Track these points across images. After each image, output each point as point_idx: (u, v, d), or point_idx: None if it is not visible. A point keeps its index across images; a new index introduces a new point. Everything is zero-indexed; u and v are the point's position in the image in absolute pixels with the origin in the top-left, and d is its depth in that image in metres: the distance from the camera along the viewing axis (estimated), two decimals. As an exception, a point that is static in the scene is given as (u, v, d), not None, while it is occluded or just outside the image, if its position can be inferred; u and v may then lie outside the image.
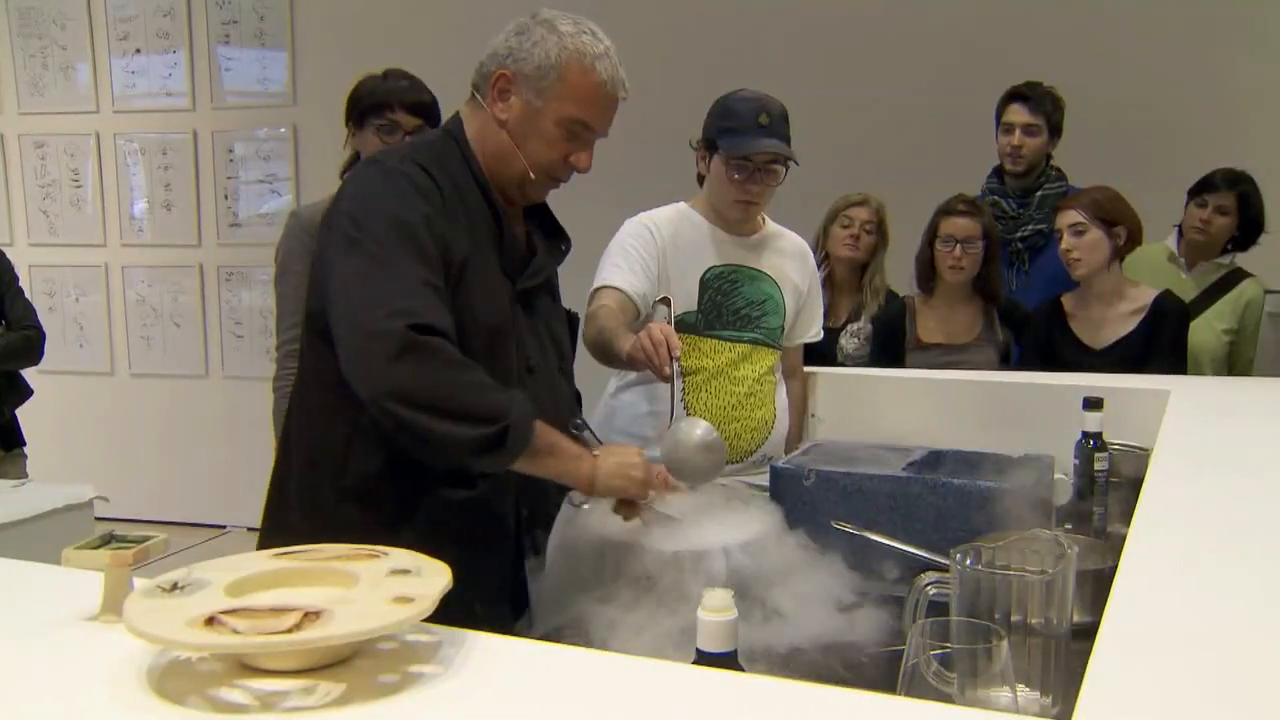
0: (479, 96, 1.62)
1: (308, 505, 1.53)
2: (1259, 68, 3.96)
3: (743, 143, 2.22)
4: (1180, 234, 3.22)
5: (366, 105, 2.46)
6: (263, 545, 1.37)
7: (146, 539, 1.11)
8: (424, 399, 1.37)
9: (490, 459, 1.41)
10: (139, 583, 1.06)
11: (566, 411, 1.71)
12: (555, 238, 1.77)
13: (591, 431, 1.73)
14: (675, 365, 1.79)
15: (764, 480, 2.14)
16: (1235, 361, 3.12)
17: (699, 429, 1.80)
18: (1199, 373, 3.02)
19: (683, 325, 2.30)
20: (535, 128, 1.57)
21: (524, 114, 1.57)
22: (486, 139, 1.60)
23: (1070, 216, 2.77)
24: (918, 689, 0.98)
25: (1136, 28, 4.02)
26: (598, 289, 2.22)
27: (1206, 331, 3.07)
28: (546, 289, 1.71)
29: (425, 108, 2.48)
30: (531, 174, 1.59)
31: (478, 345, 1.50)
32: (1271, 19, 3.98)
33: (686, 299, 2.30)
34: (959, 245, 2.94)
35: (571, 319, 1.81)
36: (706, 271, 2.32)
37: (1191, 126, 3.92)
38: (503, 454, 1.41)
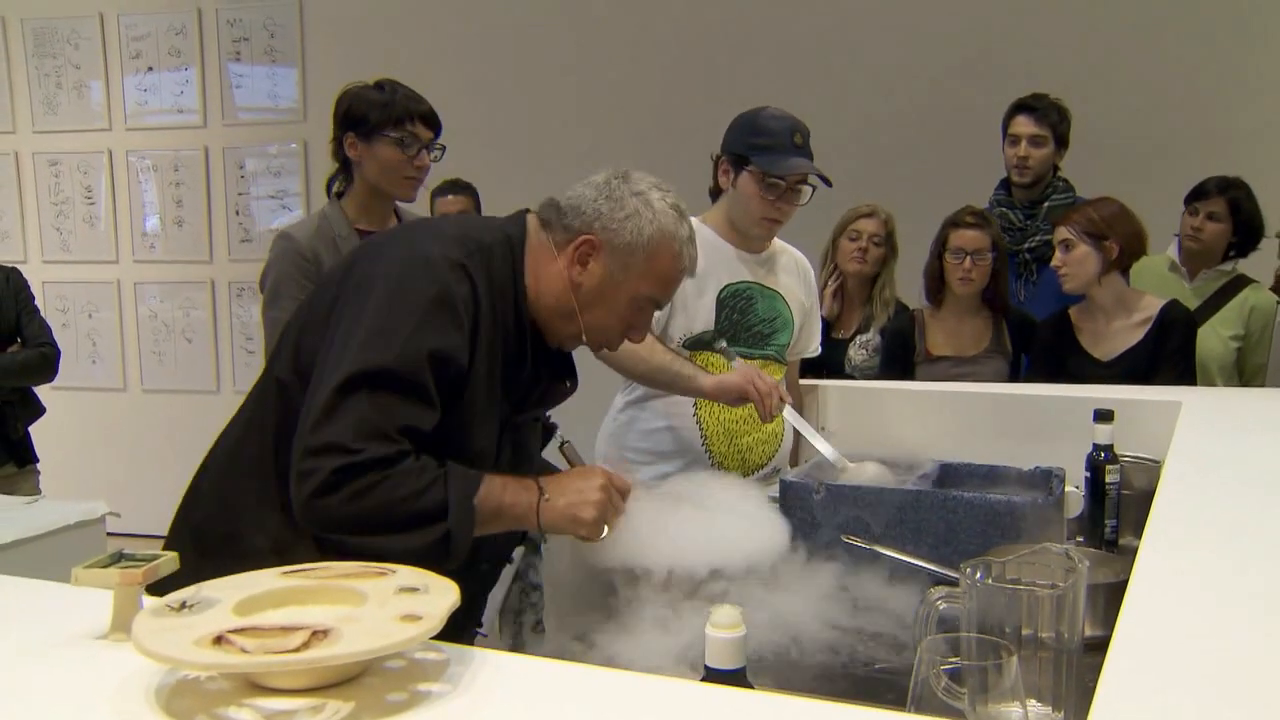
0: (548, 237, 1.53)
1: (215, 555, 1.45)
2: (1265, 78, 3.95)
3: (780, 161, 2.21)
4: (1180, 244, 3.21)
5: (380, 117, 2.37)
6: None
7: (156, 557, 1.11)
8: (353, 527, 1.34)
9: (440, 563, 1.33)
10: (148, 601, 1.07)
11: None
12: (563, 377, 1.67)
13: (573, 446, 1.71)
14: (789, 409, 2.08)
15: (774, 493, 2.14)
16: (1244, 367, 3.11)
17: (869, 469, 2.00)
18: (1208, 381, 3.01)
19: (700, 343, 2.29)
20: (608, 299, 1.53)
21: (601, 283, 1.51)
22: (549, 285, 1.52)
23: (1060, 233, 2.79)
24: (928, 705, 0.97)
25: (1143, 39, 4.02)
26: None
27: (1213, 339, 3.05)
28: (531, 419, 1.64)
29: (437, 119, 2.44)
30: (584, 337, 1.56)
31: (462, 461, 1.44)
32: (1277, 29, 3.97)
33: (705, 316, 2.30)
34: (969, 257, 2.94)
35: (547, 432, 1.76)
36: (723, 290, 2.32)
37: (1198, 136, 3.91)
38: (451, 557, 1.36)
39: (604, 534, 1.50)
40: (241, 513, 1.49)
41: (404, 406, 1.36)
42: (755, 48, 4.45)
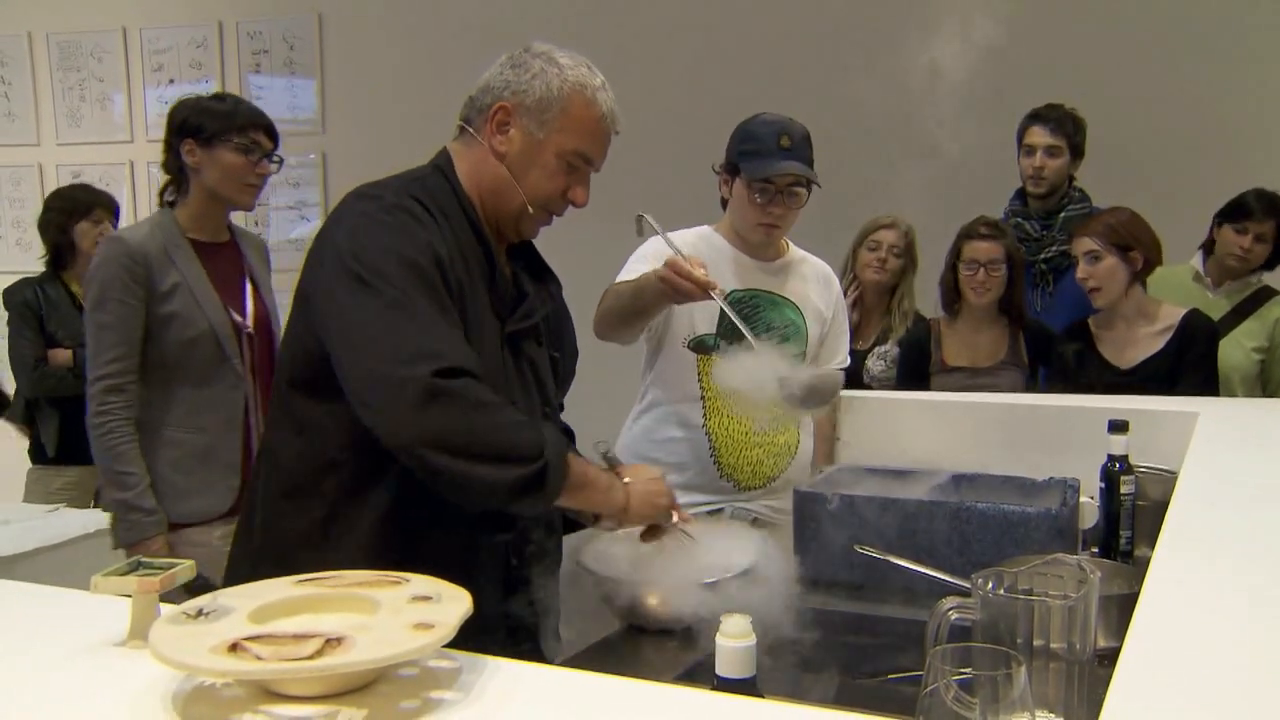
0: (470, 130, 1.58)
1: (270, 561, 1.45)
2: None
3: (764, 165, 2.22)
4: (1205, 254, 3.19)
5: (223, 125, 2.37)
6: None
7: (173, 565, 1.12)
8: (456, 444, 1.32)
9: (530, 500, 1.37)
10: (165, 608, 1.08)
11: None
12: (542, 278, 1.71)
13: (613, 453, 1.72)
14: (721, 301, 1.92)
15: (788, 504, 2.14)
16: (1268, 380, 3.09)
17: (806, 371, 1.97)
18: (1230, 392, 2.99)
19: (703, 347, 2.30)
20: (535, 160, 1.55)
21: (524, 146, 1.55)
22: (483, 173, 1.57)
23: (1085, 244, 2.77)
24: (937, 715, 0.97)
25: (1158, 47, 4.00)
26: (609, 289, 2.23)
27: (1236, 350, 3.04)
28: (532, 332, 1.65)
29: (277, 134, 2.47)
30: (530, 208, 1.57)
31: None
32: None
33: (708, 321, 2.30)
34: (982, 268, 2.94)
35: (553, 362, 1.76)
36: (728, 295, 2.32)
37: (1215, 146, 3.89)
38: (542, 495, 1.37)
39: (674, 523, 1.56)
40: (287, 523, 1.50)
41: (442, 313, 1.38)
42: (770, 59, 4.45)
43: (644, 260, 2.25)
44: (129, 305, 2.29)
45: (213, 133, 2.38)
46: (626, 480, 1.52)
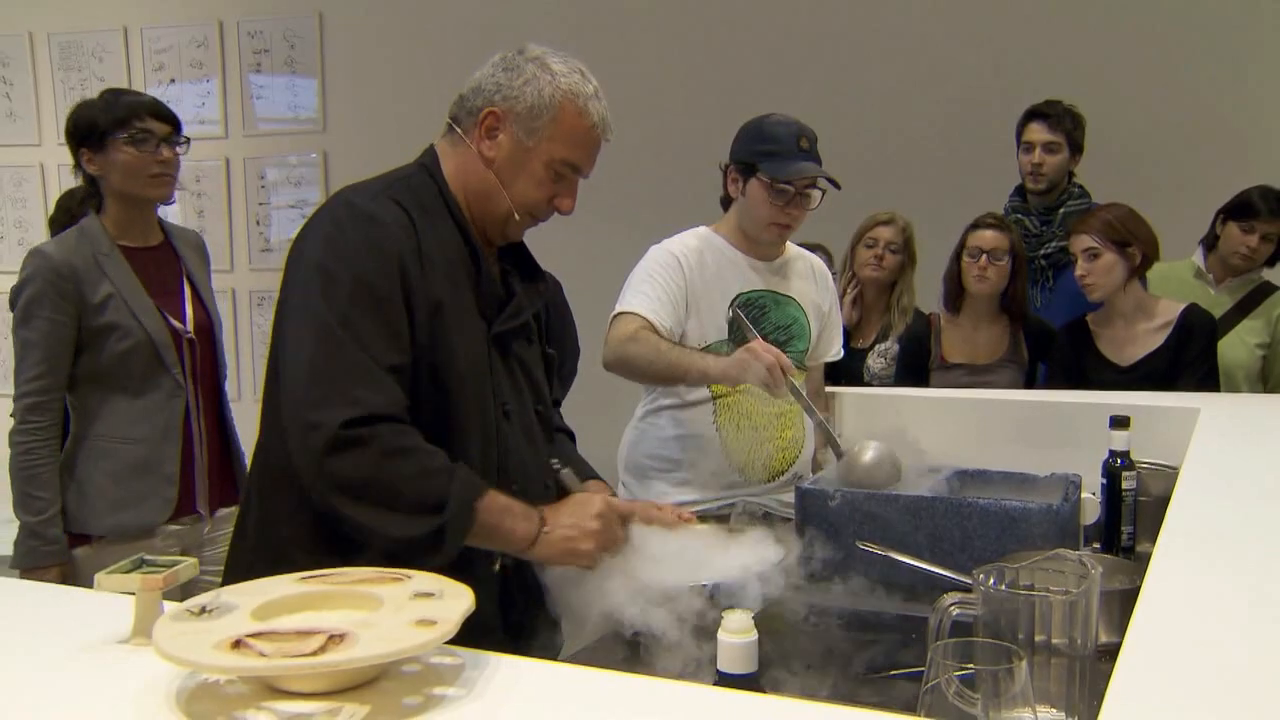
0: (458, 131, 1.57)
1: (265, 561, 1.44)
2: (1277, 81, 3.93)
3: (786, 166, 2.21)
4: (1205, 250, 3.19)
5: (106, 122, 2.28)
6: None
7: (176, 563, 1.13)
8: (358, 492, 1.34)
9: (431, 554, 1.35)
10: (169, 606, 1.09)
11: (543, 456, 1.66)
12: (533, 278, 1.70)
13: (570, 471, 1.69)
14: (794, 382, 1.98)
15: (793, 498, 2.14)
16: (1270, 375, 3.09)
17: (869, 451, 1.98)
18: (1233, 388, 2.99)
19: (714, 351, 2.30)
20: (523, 168, 1.53)
21: (512, 153, 1.53)
22: (469, 176, 1.56)
23: (1083, 241, 2.76)
24: (939, 710, 0.98)
25: (1158, 45, 4.00)
26: (622, 314, 2.22)
27: (1238, 346, 3.04)
28: (523, 331, 1.64)
29: (169, 112, 2.37)
30: (515, 214, 1.55)
31: (454, 389, 1.47)
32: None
33: (717, 326, 2.30)
34: (985, 255, 2.94)
35: (549, 360, 1.75)
36: (736, 299, 2.32)
37: (1214, 142, 3.88)
38: (442, 550, 1.36)
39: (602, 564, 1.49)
40: (283, 525, 1.50)
41: (380, 342, 1.39)
42: (769, 57, 4.45)
43: (651, 282, 2.25)
44: (56, 321, 2.22)
45: (100, 134, 2.28)
46: (546, 529, 1.45)
